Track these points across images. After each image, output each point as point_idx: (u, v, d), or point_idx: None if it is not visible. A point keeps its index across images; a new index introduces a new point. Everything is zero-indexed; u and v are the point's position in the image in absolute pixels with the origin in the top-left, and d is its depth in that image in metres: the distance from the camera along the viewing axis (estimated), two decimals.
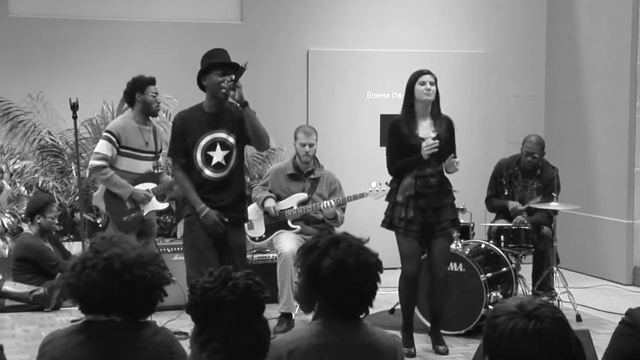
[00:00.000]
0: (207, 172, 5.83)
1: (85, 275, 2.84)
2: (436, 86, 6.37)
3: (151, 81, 6.89)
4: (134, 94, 6.86)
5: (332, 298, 3.01)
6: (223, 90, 5.70)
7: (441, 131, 6.36)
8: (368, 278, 3.01)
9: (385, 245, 6.29)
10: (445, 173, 6.44)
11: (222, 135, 5.82)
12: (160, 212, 7.73)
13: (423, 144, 6.24)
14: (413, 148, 6.28)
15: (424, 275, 6.52)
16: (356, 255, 3.00)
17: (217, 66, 5.77)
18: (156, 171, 7.03)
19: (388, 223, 6.46)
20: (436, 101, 6.39)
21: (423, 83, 6.32)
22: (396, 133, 6.39)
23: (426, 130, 6.36)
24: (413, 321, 6.53)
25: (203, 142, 5.81)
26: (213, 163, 5.82)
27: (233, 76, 5.65)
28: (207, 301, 2.66)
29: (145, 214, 6.89)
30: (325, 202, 7.40)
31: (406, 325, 6.48)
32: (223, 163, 5.83)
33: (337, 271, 2.97)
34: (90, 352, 2.87)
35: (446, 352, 6.47)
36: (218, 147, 5.81)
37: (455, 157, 6.33)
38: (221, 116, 5.83)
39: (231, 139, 5.83)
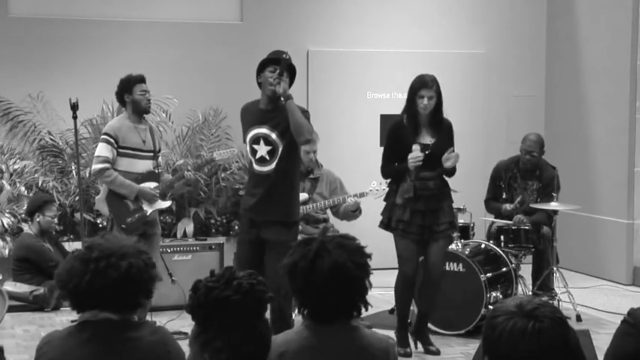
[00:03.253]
0: (254, 165, 6.03)
1: (68, 265, 2.92)
2: (438, 97, 6.28)
3: (138, 79, 6.81)
4: (123, 95, 6.83)
5: (310, 302, 2.98)
6: (270, 85, 5.90)
7: (440, 137, 6.32)
8: (342, 280, 2.93)
9: (385, 246, 6.32)
10: (444, 176, 6.40)
11: (264, 130, 5.97)
12: (161, 211, 7.71)
13: (409, 155, 6.21)
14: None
15: (421, 276, 6.50)
16: (329, 257, 2.93)
17: (269, 63, 6.00)
18: (156, 170, 6.99)
19: (386, 224, 6.44)
20: (437, 110, 6.31)
21: (422, 97, 6.25)
22: (395, 137, 6.36)
23: (425, 136, 6.32)
24: (408, 321, 6.53)
25: (250, 135, 6.03)
26: (258, 156, 5.99)
27: (277, 70, 5.90)
28: (211, 301, 2.66)
29: (148, 213, 6.83)
30: (349, 198, 7.39)
31: (401, 326, 6.47)
32: (267, 157, 5.95)
33: (310, 275, 2.93)
34: (88, 352, 2.87)
35: (438, 352, 6.45)
36: (262, 142, 5.98)
37: (453, 150, 6.29)
38: (270, 113, 5.99)
39: (274, 135, 5.95)
